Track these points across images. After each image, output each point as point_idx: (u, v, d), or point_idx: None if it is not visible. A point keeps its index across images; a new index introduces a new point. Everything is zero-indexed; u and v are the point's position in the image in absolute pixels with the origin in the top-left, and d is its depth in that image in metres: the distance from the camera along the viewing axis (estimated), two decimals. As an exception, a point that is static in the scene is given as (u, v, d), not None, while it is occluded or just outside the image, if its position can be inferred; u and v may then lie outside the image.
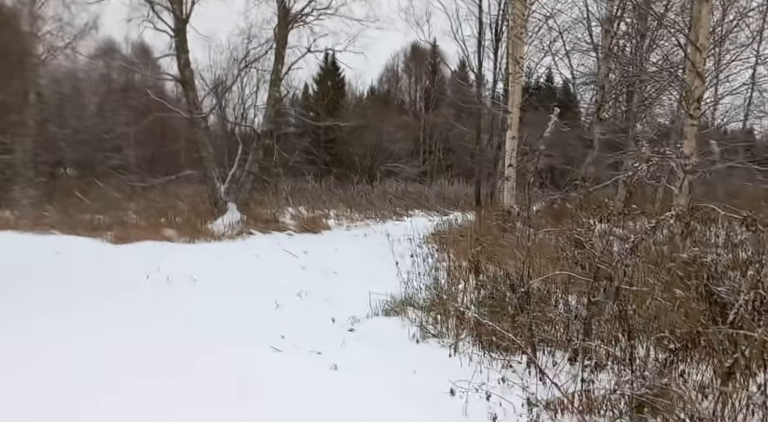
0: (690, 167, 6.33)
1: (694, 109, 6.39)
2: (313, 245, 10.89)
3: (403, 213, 17.87)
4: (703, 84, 6.32)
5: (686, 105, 6.62)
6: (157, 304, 5.63)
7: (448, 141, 34.38)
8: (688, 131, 6.44)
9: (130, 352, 4.00)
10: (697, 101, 6.34)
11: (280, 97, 15.78)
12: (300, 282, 6.78)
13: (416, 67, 43.19)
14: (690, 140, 6.42)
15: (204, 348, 4.08)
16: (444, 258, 8.97)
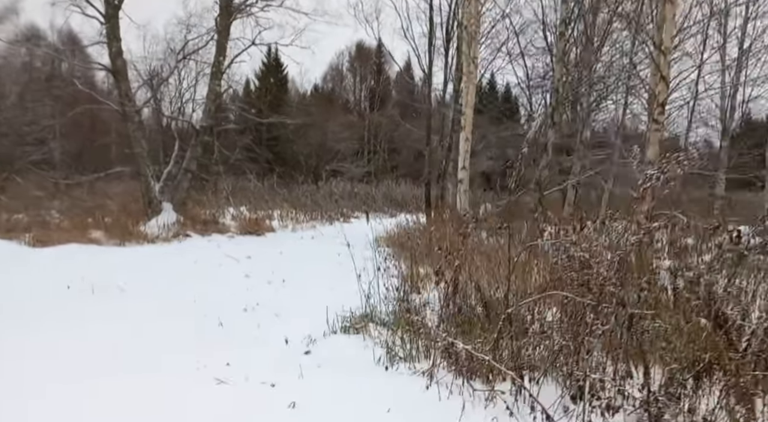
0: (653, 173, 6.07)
1: (658, 114, 6.14)
2: (257, 249, 10.16)
3: (350, 214, 17.29)
4: (667, 88, 6.08)
5: (650, 109, 6.37)
6: (77, 320, 4.83)
7: (393, 141, 34.05)
8: (652, 136, 6.20)
9: (27, 382, 3.27)
10: (661, 105, 6.10)
11: (220, 92, 14.88)
12: (245, 293, 6.10)
13: (361, 67, 42.66)
14: (654, 145, 6.17)
15: (128, 380, 3.39)
16: (401, 264, 8.47)
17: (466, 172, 10.51)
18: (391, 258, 9.28)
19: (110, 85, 16.93)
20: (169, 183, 13.58)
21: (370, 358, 3.93)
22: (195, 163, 13.86)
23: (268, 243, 11.34)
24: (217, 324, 4.71)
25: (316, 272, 7.88)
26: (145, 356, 3.90)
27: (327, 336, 4.52)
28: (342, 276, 7.40)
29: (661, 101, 6.01)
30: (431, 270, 7.62)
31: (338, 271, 7.83)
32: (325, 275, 7.60)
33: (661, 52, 5.92)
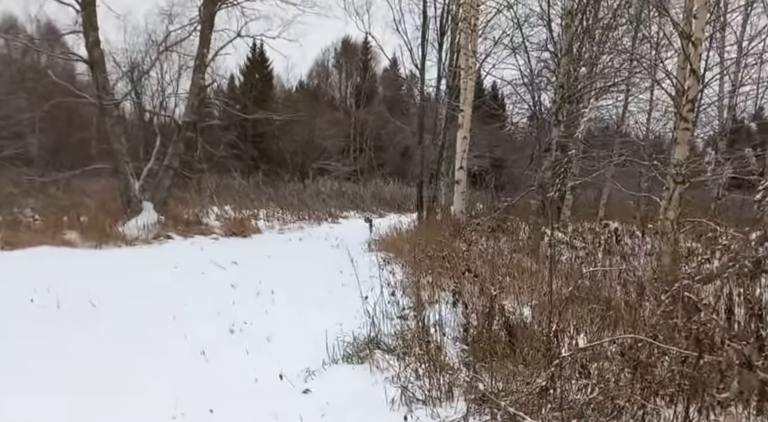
0: (681, 176, 5.48)
1: (687, 111, 5.54)
2: (243, 253, 9.43)
3: (338, 214, 16.59)
4: (698, 83, 5.48)
5: (678, 106, 5.77)
6: (33, 348, 4.09)
7: (379, 139, 33.40)
8: (681, 136, 5.60)
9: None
10: (691, 102, 5.50)
11: (204, 85, 14.08)
12: (231, 309, 5.40)
13: (347, 63, 41.89)
14: (682, 146, 5.58)
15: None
16: (399, 272, 7.81)
17: (463, 172, 9.88)
18: (387, 264, 8.61)
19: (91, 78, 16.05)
20: (149, 181, 12.78)
21: (381, 398, 3.26)
22: (177, 159, 13.06)
23: (254, 246, 10.61)
24: (199, 351, 4.00)
25: (308, 281, 7.20)
26: (105, 402, 3.19)
27: (327, 366, 3.84)
28: (337, 287, 6.77)
29: (691, 97, 5.42)
30: (433, 279, 7.00)
31: (332, 280, 7.18)
32: (318, 284, 6.91)
33: (691, 42, 5.33)
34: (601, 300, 5.41)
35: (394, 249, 9.55)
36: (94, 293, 5.75)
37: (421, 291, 6.07)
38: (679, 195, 5.49)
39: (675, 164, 5.46)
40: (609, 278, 6.20)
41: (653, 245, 6.83)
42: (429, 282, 6.73)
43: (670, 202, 5.52)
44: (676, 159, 5.48)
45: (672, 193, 5.49)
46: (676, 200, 5.49)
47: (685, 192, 7.36)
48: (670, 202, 5.52)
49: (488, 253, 8.04)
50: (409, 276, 7.38)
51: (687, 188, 6.70)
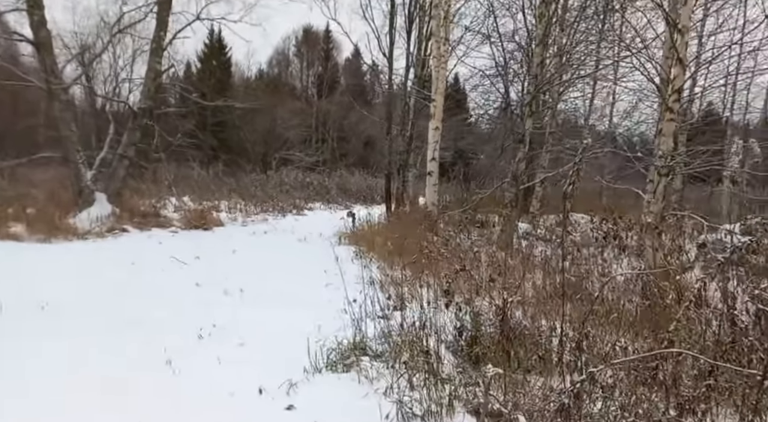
0: (666, 169, 5.29)
1: (673, 102, 5.34)
2: (206, 247, 8.89)
3: (303, 206, 16.09)
4: (684, 72, 5.29)
5: (664, 96, 5.58)
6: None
7: (342, 129, 32.87)
8: (666, 127, 5.40)
9: None
10: (677, 92, 5.30)
11: (161, 70, 13.32)
12: (197, 311, 4.93)
13: (308, 52, 41.05)
14: (668, 137, 5.38)
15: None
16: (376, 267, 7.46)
17: (435, 163, 9.57)
18: (360, 258, 8.25)
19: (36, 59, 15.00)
20: (103, 170, 12.02)
21: (375, 414, 2.90)
22: (133, 148, 12.34)
23: (217, 240, 10.05)
24: (164, 361, 3.54)
25: (278, 277, 6.76)
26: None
27: (310, 376, 3.45)
28: (309, 283, 6.36)
29: (677, 87, 5.21)
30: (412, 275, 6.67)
31: (304, 276, 6.78)
32: (289, 281, 6.50)
33: (678, 30, 5.11)
34: (591, 299, 5.19)
35: (366, 243, 9.18)
36: (41, 293, 5.20)
37: (401, 288, 5.75)
38: (663, 188, 5.30)
39: (660, 156, 5.26)
40: (596, 275, 6.00)
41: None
42: (407, 278, 6.41)
43: (655, 195, 5.32)
44: (661, 150, 5.28)
45: (656, 186, 5.30)
46: (660, 193, 5.30)
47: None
48: (655, 194, 5.32)
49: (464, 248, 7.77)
50: (385, 271, 7.03)
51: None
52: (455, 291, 4.05)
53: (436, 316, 4.51)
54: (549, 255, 6.99)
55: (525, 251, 7.34)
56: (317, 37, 40.53)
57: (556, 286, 5.36)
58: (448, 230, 9.12)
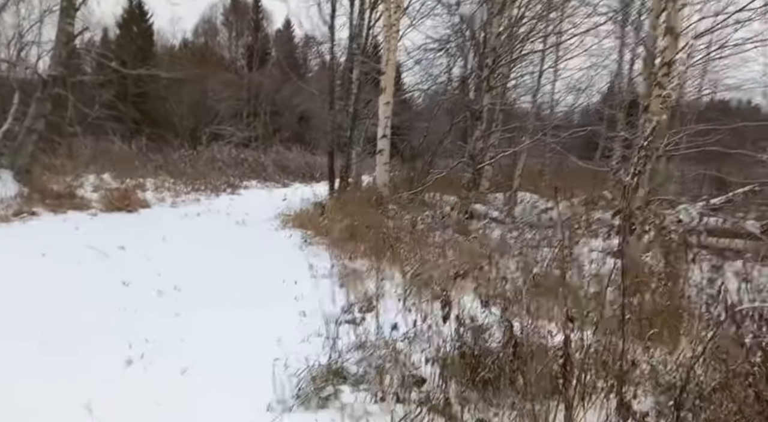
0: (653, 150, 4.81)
1: (662, 76, 4.84)
2: (131, 233, 7.79)
3: (237, 184, 14.93)
4: (676, 44, 4.79)
5: (652, 71, 5.08)
6: None
7: (274, 103, 31.34)
8: (654, 104, 4.91)
9: None
10: (667, 65, 4.80)
11: (74, 34, 11.74)
12: (124, 318, 4.02)
13: (237, 22, 38.78)
14: (656, 115, 4.89)
15: None
16: (328, 255, 6.68)
17: (387, 140, 8.83)
18: (308, 245, 7.45)
19: None
20: (8, 144, 10.48)
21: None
22: (42, 121, 10.83)
23: (144, 224, 8.91)
24: (82, 404, 2.66)
25: (219, 268, 5.87)
26: None
27: (278, 417, 2.68)
28: (257, 278, 5.53)
29: (668, 60, 4.71)
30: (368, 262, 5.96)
31: (249, 269, 5.94)
32: (232, 276, 5.62)
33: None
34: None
35: (312, 227, 8.39)
36: None
37: (365, 283, 5.03)
38: (650, 171, 4.82)
39: (647, 136, 4.77)
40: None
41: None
42: (368, 270, 5.70)
43: (640, 178, 4.84)
44: (647, 129, 4.78)
45: (641, 169, 4.81)
46: (646, 176, 4.82)
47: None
48: (639, 177, 4.84)
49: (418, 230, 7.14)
50: (340, 260, 6.29)
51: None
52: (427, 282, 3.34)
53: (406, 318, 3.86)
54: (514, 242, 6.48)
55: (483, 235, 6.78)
56: (246, 6, 38.39)
57: (538, 280, 4.81)
58: (401, 213, 8.46)
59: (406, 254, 5.79)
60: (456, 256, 5.59)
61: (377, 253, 6.07)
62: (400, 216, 8.00)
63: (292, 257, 6.71)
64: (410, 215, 8.26)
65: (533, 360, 2.70)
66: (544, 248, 7.08)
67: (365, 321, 4.10)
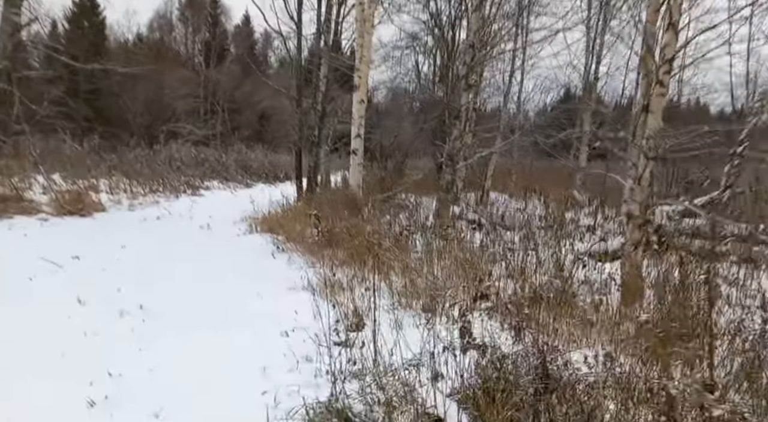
0: (654, 151, 4.56)
1: (663, 74, 4.59)
2: (86, 241, 7.13)
3: (198, 184, 14.20)
4: (676, 40, 4.54)
5: (649, 67, 4.83)
6: None
7: (233, 101, 30.42)
8: (655, 103, 4.65)
9: None
10: (668, 62, 4.55)
11: (20, 24, 10.84)
12: (83, 348, 3.48)
13: (194, 17, 37.46)
14: (656, 114, 4.64)
15: None
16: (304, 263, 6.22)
17: (360, 140, 8.39)
18: (280, 251, 6.96)
19: None
20: (-56, 144, 9.55)
21: None
22: (-15, 118, 9.92)
23: (99, 230, 8.21)
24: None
25: (185, 281, 5.33)
26: None
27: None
28: (230, 291, 5.03)
29: (669, 57, 4.46)
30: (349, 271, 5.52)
31: (220, 280, 5.41)
32: (201, 287, 5.10)
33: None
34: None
35: (283, 231, 7.89)
36: None
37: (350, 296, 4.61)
38: (650, 173, 4.56)
39: (648, 136, 4.50)
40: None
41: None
42: (350, 279, 5.27)
43: (640, 181, 4.57)
44: (649, 130, 4.51)
45: (642, 172, 4.54)
46: (646, 179, 4.55)
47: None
48: (640, 181, 4.57)
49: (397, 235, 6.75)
50: (318, 269, 5.83)
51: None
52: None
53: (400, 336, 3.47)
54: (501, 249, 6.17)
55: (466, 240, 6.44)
56: (203, 1, 37.12)
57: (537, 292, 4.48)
58: (377, 215, 8.05)
59: (390, 262, 5.40)
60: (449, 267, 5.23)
61: (358, 261, 5.67)
62: (377, 220, 7.59)
63: (265, 266, 6.21)
64: (386, 218, 7.87)
65: (567, 395, 2.35)
66: (529, 251, 6.84)
67: (357, 342, 3.70)
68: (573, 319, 3.34)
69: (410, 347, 3.22)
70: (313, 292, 4.99)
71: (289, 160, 20.39)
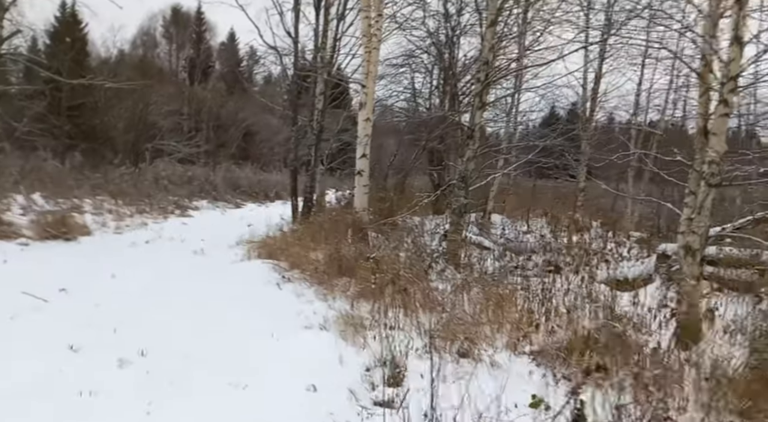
0: (717, 178, 4.13)
1: (728, 92, 4.17)
2: (72, 269, 6.50)
3: (187, 205, 13.54)
4: (741, 54, 4.13)
5: (708, 84, 4.43)
6: None
7: (219, 118, 29.72)
8: (718, 125, 4.22)
9: None
10: (733, 79, 4.14)
11: (2, 36, 10.19)
12: (78, 409, 2.90)
13: (178, 34, 36.86)
14: (719, 137, 4.20)
15: None
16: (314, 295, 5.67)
17: (366, 160, 7.91)
18: (285, 280, 6.39)
19: None
20: None
21: None
22: (-38, 135, 9.22)
23: (87, 256, 7.55)
24: None
25: (190, 318, 4.73)
26: None
27: None
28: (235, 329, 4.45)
29: (734, 73, 4.06)
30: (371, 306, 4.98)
31: (222, 316, 4.83)
32: (209, 327, 4.51)
33: (736, 1, 3.95)
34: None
35: (286, 257, 7.30)
36: None
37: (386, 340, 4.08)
38: (711, 202, 4.13)
39: (710, 161, 4.08)
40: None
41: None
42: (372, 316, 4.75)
43: (701, 211, 4.13)
44: (713, 154, 4.09)
45: (704, 199, 4.11)
46: (707, 208, 4.12)
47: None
48: (701, 210, 4.14)
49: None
50: (331, 303, 5.30)
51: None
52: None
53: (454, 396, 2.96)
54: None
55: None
56: (188, 18, 36.60)
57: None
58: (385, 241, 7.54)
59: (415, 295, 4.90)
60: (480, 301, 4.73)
61: (378, 294, 5.14)
62: (386, 246, 7.09)
63: (271, 298, 5.65)
64: (395, 244, 7.37)
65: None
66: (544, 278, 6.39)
67: (396, 402, 3.17)
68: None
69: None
70: (332, 332, 4.44)
71: (279, 178, 19.89)
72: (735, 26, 3.94)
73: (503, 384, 3.11)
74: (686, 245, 4.21)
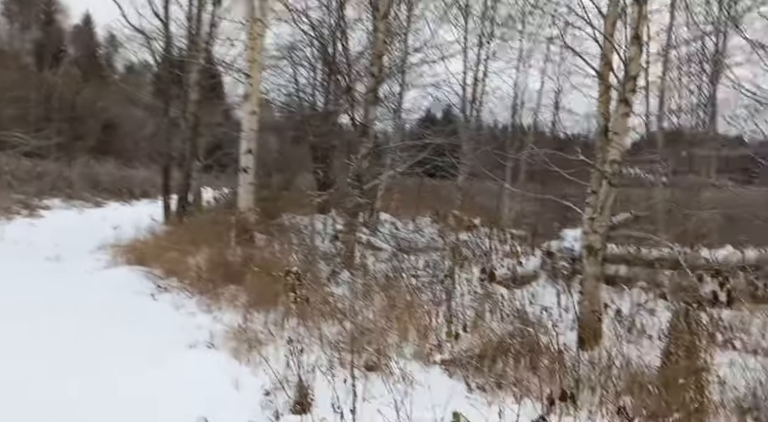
0: (617, 177, 4.15)
1: (628, 92, 4.19)
2: None
3: (37, 204, 11.73)
4: (640, 52, 4.19)
5: (607, 83, 4.46)
6: None
7: (74, 107, 26.67)
8: (618, 125, 4.23)
9: None
10: (633, 79, 4.17)
11: None
12: None
13: (23, 13, 32.47)
14: (621, 136, 4.20)
15: None
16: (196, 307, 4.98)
17: (252, 157, 7.23)
18: (161, 290, 5.60)
19: None
20: None
21: None
22: None
23: None
24: None
25: (47, 348, 3.82)
26: None
27: None
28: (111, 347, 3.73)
29: (634, 73, 4.08)
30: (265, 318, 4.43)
31: (91, 334, 4.03)
32: (73, 354, 3.67)
33: (635, 0, 3.98)
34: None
35: (159, 263, 6.45)
36: None
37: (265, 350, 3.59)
38: (612, 200, 4.14)
39: (611, 161, 4.09)
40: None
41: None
42: (266, 329, 4.22)
43: (602, 211, 4.12)
44: (614, 152, 4.09)
45: (605, 199, 4.11)
46: (609, 207, 4.12)
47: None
48: (602, 210, 4.12)
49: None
50: (216, 312, 4.68)
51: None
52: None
53: None
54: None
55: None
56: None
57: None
58: (272, 243, 6.96)
59: (315, 303, 4.43)
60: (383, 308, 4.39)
61: (270, 303, 4.61)
62: (272, 248, 6.54)
63: (145, 311, 4.88)
64: (283, 245, 6.84)
65: None
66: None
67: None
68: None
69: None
70: (220, 348, 3.85)
71: (146, 175, 18.16)
72: (635, 25, 3.98)
73: (419, 400, 2.81)
74: (589, 245, 4.21)
